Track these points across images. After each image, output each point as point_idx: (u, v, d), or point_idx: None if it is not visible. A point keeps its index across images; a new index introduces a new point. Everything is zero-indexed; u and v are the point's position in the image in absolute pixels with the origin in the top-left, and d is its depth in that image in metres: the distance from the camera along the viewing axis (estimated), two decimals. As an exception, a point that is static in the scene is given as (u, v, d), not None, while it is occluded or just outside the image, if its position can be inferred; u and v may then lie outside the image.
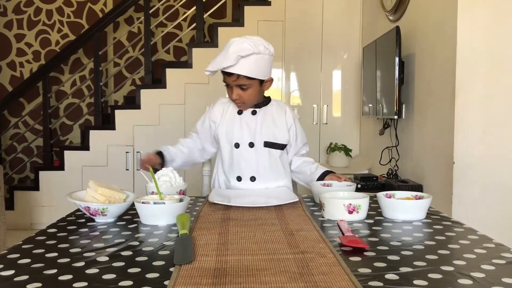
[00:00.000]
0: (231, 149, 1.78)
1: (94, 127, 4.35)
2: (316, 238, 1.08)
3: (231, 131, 1.78)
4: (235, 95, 1.70)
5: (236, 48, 1.61)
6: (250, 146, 1.77)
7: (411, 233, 1.14)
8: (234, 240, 1.07)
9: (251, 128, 1.77)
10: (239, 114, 1.79)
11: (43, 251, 1.01)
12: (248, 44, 1.62)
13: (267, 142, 1.77)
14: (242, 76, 1.65)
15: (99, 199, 1.28)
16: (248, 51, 1.62)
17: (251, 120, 1.78)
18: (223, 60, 1.63)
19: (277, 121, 1.80)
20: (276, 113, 1.81)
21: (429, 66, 2.68)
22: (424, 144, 2.73)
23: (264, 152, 1.77)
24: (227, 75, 1.67)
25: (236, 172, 1.78)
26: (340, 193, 1.38)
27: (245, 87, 1.69)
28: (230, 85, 1.70)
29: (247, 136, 1.77)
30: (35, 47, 4.99)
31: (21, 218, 4.28)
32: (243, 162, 1.77)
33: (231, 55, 1.61)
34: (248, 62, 1.63)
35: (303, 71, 4.36)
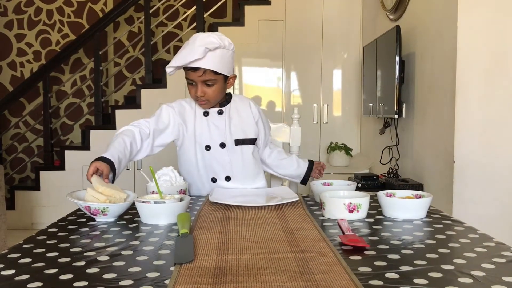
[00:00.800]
0: (202, 152, 1.73)
1: (94, 127, 4.35)
2: (316, 237, 1.08)
3: (199, 134, 1.72)
4: (200, 91, 1.63)
5: (203, 41, 1.57)
6: (222, 147, 1.73)
7: (412, 232, 1.14)
8: (235, 239, 1.07)
9: (220, 129, 1.72)
10: (206, 116, 1.73)
11: (44, 250, 1.01)
12: (213, 37, 1.59)
13: (238, 140, 1.74)
14: (209, 71, 1.60)
15: (99, 198, 1.28)
16: (215, 44, 1.58)
17: (219, 120, 1.73)
18: (189, 53, 1.56)
19: (244, 116, 1.76)
20: (241, 109, 1.77)
21: (429, 65, 2.68)
22: (425, 143, 2.73)
23: (236, 151, 1.74)
24: (192, 71, 1.60)
25: (210, 174, 1.74)
26: (341, 192, 1.38)
27: (210, 83, 1.63)
28: (194, 82, 1.64)
29: (217, 137, 1.72)
30: (35, 47, 4.99)
31: (22, 218, 4.29)
32: (216, 163, 1.73)
33: (198, 48, 1.56)
34: (214, 56, 1.59)
35: (304, 71, 4.37)
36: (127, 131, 1.63)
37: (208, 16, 4.65)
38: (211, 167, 1.74)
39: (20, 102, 4.92)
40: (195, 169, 1.75)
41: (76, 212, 1.40)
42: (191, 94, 1.68)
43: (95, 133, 4.28)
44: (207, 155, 1.73)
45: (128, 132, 1.62)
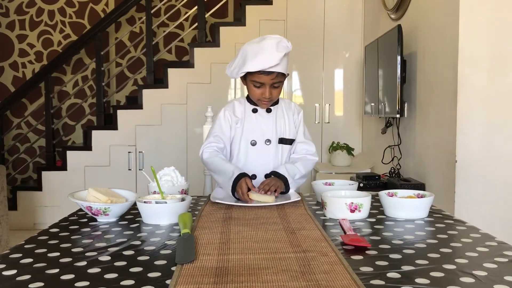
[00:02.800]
0: (246, 147, 1.77)
1: (96, 127, 4.35)
2: (318, 237, 1.08)
3: (247, 130, 1.77)
4: (268, 93, 1.69)
5: (281, 46, 1.63)
6: (267, 144, 1.77)
7: (413, 231, 1.14)
8: (236, 239, 1.07)
9: (267, 126, 1.78)
10: (254, 112, 1.79)
11: (45, 250, 1.01)
12: (286, 42, 1.66)
13: (281, 139, 1.79)
14: (280, 73, 1.67)
15: (101, 198, 1.28)
16: (289, 49, 1.65)
17: (267, 118, 1.79)
18: (270, 59, 1.62)
19: (287, 117, 1.82)
20: (285, 110, 1.83)
21: (431, 65, 2.68)
22: (426, 143, 2.73)
23: (278, 149, 1.78)
24: (266, 74, 1.66)
25: (251, 170, 1.75)
26: (342, 192, 1.38)
27: (277, 85, 1.70)
28: (263, 84, 1.68)
29: (264, 133, 1.77)
30: (37, 48, 5.00)
31: (24, 218, 4.30)
32: (259, 159, 1.77)
33: (278, 54, 1.62)
34: (285, 59, 1.67)
35: (305, 70, 4.36)
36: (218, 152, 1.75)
37: (209, 16, 4.65)
38: (253, 163, 1.77)
39: (22, 103, 4.92)
40: (236, 163, 1.77)
41: (77, 212, 1.40)
42: (254, 95, 1.73)
43: (97, 134, 4.28)
44: (251, 150, 1.77)
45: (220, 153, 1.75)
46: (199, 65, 4.26)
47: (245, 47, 1.72)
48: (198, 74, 4.26)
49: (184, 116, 4.26)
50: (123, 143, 4.25)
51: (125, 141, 4.26)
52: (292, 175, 1.66)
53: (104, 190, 1.33)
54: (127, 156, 4.25)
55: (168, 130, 4.25)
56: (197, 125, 4.23)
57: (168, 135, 4.25)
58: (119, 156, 4.25)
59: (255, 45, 1.68)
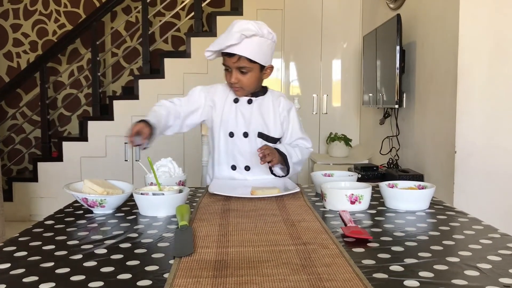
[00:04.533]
0: (225, 138, 1.74)
1: (92, 118, 4.32)
2: (318, 229, 1.06)
3: (226, 120, 1.73)
4: (234, 78, 1.64)
5: (240, 28, 1.59)
6: (244, 136, 1.72)
7: (415, 223, 1.12)
8: (235, 231, 1.05)
9: (245, 118, 1.72)
10: (235, 103, 1.74)
11: (40, 243, 0.99)
12: (252, 25, 1.60)
13: (261, 133, 1.73)
14: (244, 57, 1.61)
15: (97, 190, 1.25)
16: (251, 31, 1.59)
17: (246, 109, 1.73)
18: (226, 38, 1.59)
19: (272, 112, 1.74)
20: (272, 104, 1.76)
21: (430, 54, 2.65)
22: (425, 133, 2.71)
23: (257, 143, 1.72)
24: (228, 56, 1.62)
25: (231, 161, 1.74)
26: (342, 183, 1.36)
27: (245, 71, 1.64)
28: (230, 68, 1.65)
29: (242, 126, 1.72)
30: (32, 37, 4.93)
31: (20, 209, 4.27)
32: (237, 152, 1.73)
33: (235, 33, 1.57)
34: (251, 43, 1.60)
35: (303, 60, 4.33)
36: (164, 106, 1.68)
37: (206, 5, 4.60)
38: (232, 154, 1.73)
39: (17, 93, 4.87)
40: (217, 153, 1.76)
41: (73, 204, 1.37)
42: (226, 79, 1.70)
43: (93, 124, 4.24)
44: (230, 142, 1.73)
45: (164, 107, 1.67)
46: (195, 55, 4.22)
47: None
48: (194, 64, 4.22)
49: (180, 107, 4.22)
50: (119, 133, 4.21)
51: (122, 131, 4.21)
52: (290, 155, 1.62)
53: (100, 181, 1.31)
54: (123, 146, 4.22)
55: (165, 121, 4.21)
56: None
57: (164, 125, 4.21)
58: (115, 146, 4.22)
59: None
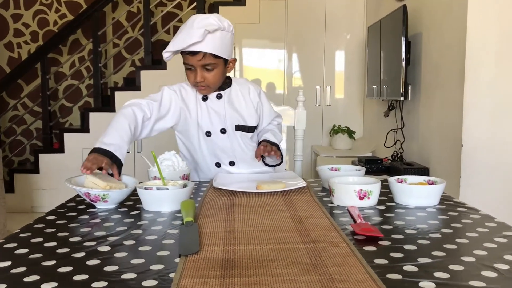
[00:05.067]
0: (204, 138, 1.67)
1: (93, 109, 4.29)
2: (327, 226, 1.03)
3: (200, 120, 1.65)
4: (199, 77, 1.55)
5: (201, 23, 1.49)
6: (222, 133, 1.66)
7: (426, 220, 1.09)
8: (241, 228, 1.02)
9: (219, 114, 1.66)
10: (204, 101, 1.66)
11: (42, 240, 0.96)
12: (212, 19, 1.51)
13: (238, 126, 1.68)
14: (209, 54, 1.52)
15: (99, 184, 1.23)
16: (214, 26, 1.50)
17: (218, 105, 1.66)
18: (188, 36, 1.48)
19: (243, 102, 1.70)
20: (241, 93, 1.70)
21: (437, 46, 2.61)
22: (431, 126, 2.68)
23: (237, 136, 1.68)
24: (191, 55, 1.52)
25: (214, 159, 1.70)
26: (350, 178, 1.33)
27: (210, 68, 1.55)
28: (193, 67, 1.56)
29: (217, 123, 1.66)
30: (32, 28, 4.89)
31: (21, 201, 4.25)
32: (218, 149, 1.68)
33: (197, 30, 1.47)
34: (214, 38, 1.52)
35: (306, 52, 4.28)
36: (128, 112, 1.53)
37: (208, -5, 4.55)
38: (214, 152, 1.69)
39: (18, 84, 4.84)
40: (200, 154, 1.70)
41: (75, 198, 1.35)
42: (189, 80, 1.61)
43: (94, 116, 4.22)
44: (209, 141, 1.67)
45: (129, 114, 1.53)
46: (198, 46, 4.17)
47: None
48: (197, 55, 4.17)
49: (183, 98, 4.18)
50: (121, 125, 4.18)
51: (123, 123, 4.19)
52: (278, 140, 1.68)
53: (103, 175, 1.28)
54: (125, 138, 4.19)
55: (167, 112, 4.17)
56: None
57: (166, 117, 4.17)
58: (117, 138, 4.19)
59: (182, 25, 1.55)
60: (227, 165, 1.70)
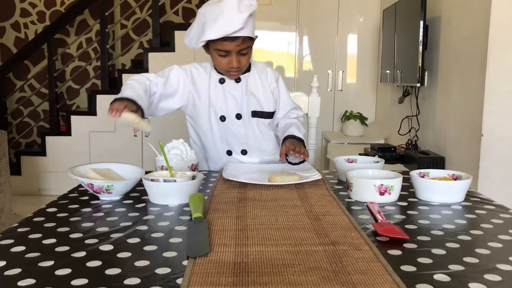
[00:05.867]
0: (217, 123, 1.59)
1: (101, 92, 4.22)
2: (346, 224, 0.96)
3: (215, 103, 1.57)
4: (236, 62, 1.46)
5: (244, 6, 1.38)
6: (238, 118, 1.58)
7: (452, 219, 1.01)
8: (254, 225, 0.95)
9: (236, 98, 1.57)
10: (221, 83, 1.58)
11: (40, 236, 0.90)
12: (249, 0, 1.41)
13: (255, 112, 1.59)
14: (247, 38, 1.43)
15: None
16: (254, 7, 1.41)
17: (235, 89, 1.58)
18: (231, 23, 1.37)
19: (261, 86, 1.60)
20: (259, 78, 1.61)
21: (457, 30, 2.50)
22: (448, 114, 2.58)
23: (252, 123, 1.60)
24: (230, 41, 1.42)
25: (225, 146, 1.61)
26: (369, 171, 1.25)
27: (245, 52, 1.47)
28: (229, 52, 1.46)
29: (234, 107, 1.57)
30: (39, 8, 4.80)
31: (28, 183, 4.22)
32: (231, 136, 1.59)
33: (241, 15, 1.37)
34: (251, 20, 1.42)
35: (318, 35, 4.16)
36: (138, 79, 1.49)
37: (218, -24, 4.42)
38: (226, 139, 1.60)
39: (24, 65, 4.77)
40: (210, 141, 1.62)
41: (78, 188, 1.28)
42: (220, 65, 1.50)
43: (101, 98, 4.14)
44: (222, 126, 1.59)
45: (140, 80, 1.49)
46: (207, 28, 4.07)
47: (202, 10, 1.45)
48: (206, 37, 4.07)
49: (191, 81, 4.10)
50: (128, 108, 4.12)
51: (131, 106, 4.13)
52: (303, 136, 1.55)
53: (104, 171, 1.21)
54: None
55: (175, 96, 4.10)
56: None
57: (175, 100, 4.10)
58: (124, 121, 4.13)
59: (214, 7, 1.41)
60: (239, 153, 1.62)
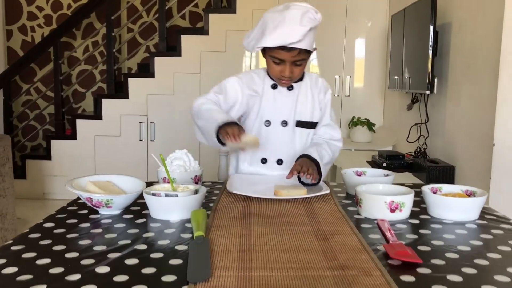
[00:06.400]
0: (259, 127, 1.56)
1: (106, 96, 4.19)
2: (355, 246, 0.91)
3: (263, 107, 1.55)
4: (288, 72, 1.46)
5: (307, 20, 1.39)
6: (283, 125, 1.56)
7: (467, 239, 0.96)
8: (259, 245, 0.91)
9: (286, 106, 1.55)
10: (273, 88, 1.56)
11: (34, 255, 0.86)
12: (313, 13, 1.41)
13: (300, 122, 1.56)
14: (304, 50, 1.43)
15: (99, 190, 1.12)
16: (316, 21, 1.41)
17: (286, 96, 1.56)
18: (290, 34, 1.38)
19: (311, 97, 1.58)
20: (310, 88, 1.59)
21: (468, 37, 2.44)
22: (459, 122, 2.52)
23: (296, 132, 1.56)
24: (286, 51, 1.42)
25: (262, 153, 1.56)
26: (380, 186, 1.20)
27: (300, 63, 1.46)
28: (283, 61, 1.45)
29: (281, 114, 1.55)
30: (46, 11, 4.79)
31: (33, 187, 4.20)
32: (272, 143, 1.55)
33: (302, 28, 1.37)
34: (310, 34, 1.43)
35: (325, 39, 4.11)
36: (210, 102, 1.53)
37: (225, -21, 4.40)
38: (265, 146, 1.55)
39: (31, 68, 4.76)
40: None
41: (77, 200, 1.24)
42: (273, 72, 1.50)
43: (107, 102, 4.12)
44: (264, 131, 1.56)
45: (213, 103, 1.53)
46: (213, 33, 4.04)
47: (265, 16, 1.47)
48: (212, 42, 4.04)
49: (197, 86, 4.07)
50: (134, 112, 4.10)
51: (137, 110, 4.10)
52: (320, 158, 1.44)
53: (104, 183, 1.17)
54: (138, 126, 4.10)
55: (181, 100, 4.07)
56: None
57: (180, 105, 4.07)
58: (130, 126, 4.11)
59: (276, 15, 1.42)
60: (274, 162, 1.56)
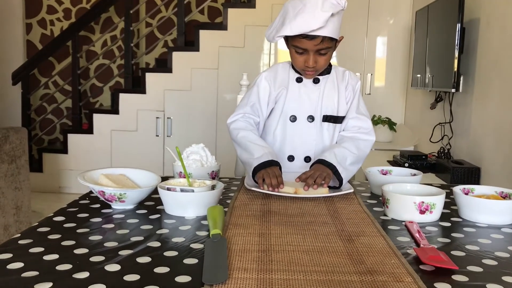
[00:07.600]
0: (284, 123, 1.48)
1: (124, 90, 4.17)
2: (383, 249, 0.84)
3: (289, 102, 1.48)
4: (312, 61, 1.38)
5: (328, 4, 1.31)
6: (310, 121, 1.48)
7: (505, 245, 0.89)
8: (279, 246, 0.85)
9: (312, 99, 1.47)
10: (298, 82, 1.49)
11: (42, 250, 0.81)
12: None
13: (326, 116, 1.48)
14: (327, 38, 1.36)
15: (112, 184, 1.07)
16: (339, 7, 1.33)
17: (312, 90, 1.48)
18: (310, 21, 1.31)
19: (336, 91, 1.50)
20: (337, 82, 1.51)
21: (497, 34, 2.34)
22: (485, 122, 2.42)
23: (323, 128, 1.48)
24: (308, 39, 1.35)
25: (288, 150, 1.49)
26: (408, 186, 1.13)
27: (324, 52, 1.39)
28: (306, 51, 1.38)
29: (307, 108, 1.47)
30: (65, 5, 4.80)
31: (49, 181, 4.20)
32: (298, 139, 1.48)
33: (323, 13, 1.30)
34: (334, 21, 1.35)
35: (346, 36, 3.98)
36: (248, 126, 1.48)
37: (245, -26, 4.33)
38: (291, 142, 1.48)
39: (49, 62, 4.77)
40: (272, 142, 1.50)
41: (90, 194, 1.19)
42: (297, 63, 1.43)
43: (124, 97, 4.10)
44: (290, 127, 1.48)
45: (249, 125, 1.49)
46: (232, 28, 3.99)
47: (286, 4, 1.39)
48: (231, 37, 3.99)
49: (215, 82, 4.03)
50: (151, 107, 4.07)
51: (153, 106, 4.08)
52: (341, 160, 1.34)
53: (117, 177, 1.12)
54: (155, 121, 4.08)
55: (198, 96, 4.03)
56: (229, 91, 4.00)
57: (197, 101, 4.03)
58: (146, 121, 4.09)
59: (297, 2, 1.35)
60: (302, 160, 1.49)
